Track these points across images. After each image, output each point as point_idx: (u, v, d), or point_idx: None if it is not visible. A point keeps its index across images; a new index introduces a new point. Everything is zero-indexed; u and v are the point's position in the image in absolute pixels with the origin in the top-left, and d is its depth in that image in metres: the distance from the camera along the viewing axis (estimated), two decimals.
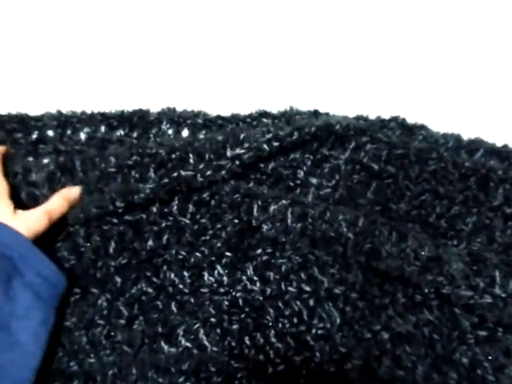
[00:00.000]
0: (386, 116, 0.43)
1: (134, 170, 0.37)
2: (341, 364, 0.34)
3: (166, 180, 0.35)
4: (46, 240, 0.35)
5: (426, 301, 0.36)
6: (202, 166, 0.36)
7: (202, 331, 0.34)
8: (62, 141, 0.41)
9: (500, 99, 0.45)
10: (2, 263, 0.31)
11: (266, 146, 0.37)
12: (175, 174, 0.35)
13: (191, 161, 0.36)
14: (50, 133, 0.42)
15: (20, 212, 0.35)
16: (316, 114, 0.43)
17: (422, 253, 0.34)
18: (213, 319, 0.35)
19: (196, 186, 0.36)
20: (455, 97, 0.45)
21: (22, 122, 0.41)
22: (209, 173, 0.36)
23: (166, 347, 0.34)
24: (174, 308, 0.35)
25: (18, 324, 0.31)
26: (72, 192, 0.37)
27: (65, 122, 0.42)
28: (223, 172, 0.36)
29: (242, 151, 0.36)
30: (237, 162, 0.36)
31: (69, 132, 0.42)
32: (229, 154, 0.36)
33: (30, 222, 0.34)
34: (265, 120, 0.42)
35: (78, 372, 0.34)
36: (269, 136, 0.37)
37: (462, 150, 0.41)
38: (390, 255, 0.34)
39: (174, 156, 0.37)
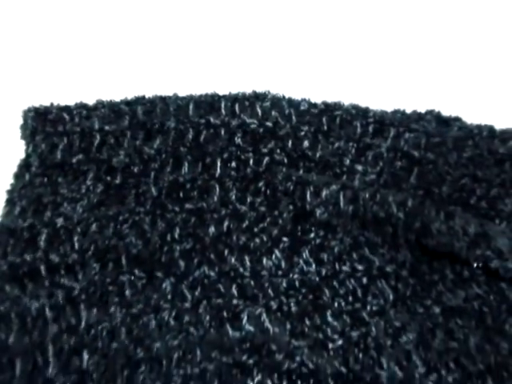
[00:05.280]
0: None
1: None
2: (396, 337, 0.36)
3: None
4: None
5: (474, 276, 0.38)
6: None
7: (264, 315, 0.36)
8: None
9: None
10: None
11: None
12: None
13: None
14: None
15: None
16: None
17: (470, 229, 0.36)
18: (273, 303, 0.37)
19: None
20: (488, 90, 0.48)
21: None
22: None
23: (230, 331, 0.36)
24: (234, 291, 0.38)
25: None
26: None
27: None
28: None
29: None
30: None
31: None
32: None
33: None
34: None
35: (145, 358, 0.35)
36: None
37: (495, 139, 0.44)
38: (440, 232, 0.37)
39: None
